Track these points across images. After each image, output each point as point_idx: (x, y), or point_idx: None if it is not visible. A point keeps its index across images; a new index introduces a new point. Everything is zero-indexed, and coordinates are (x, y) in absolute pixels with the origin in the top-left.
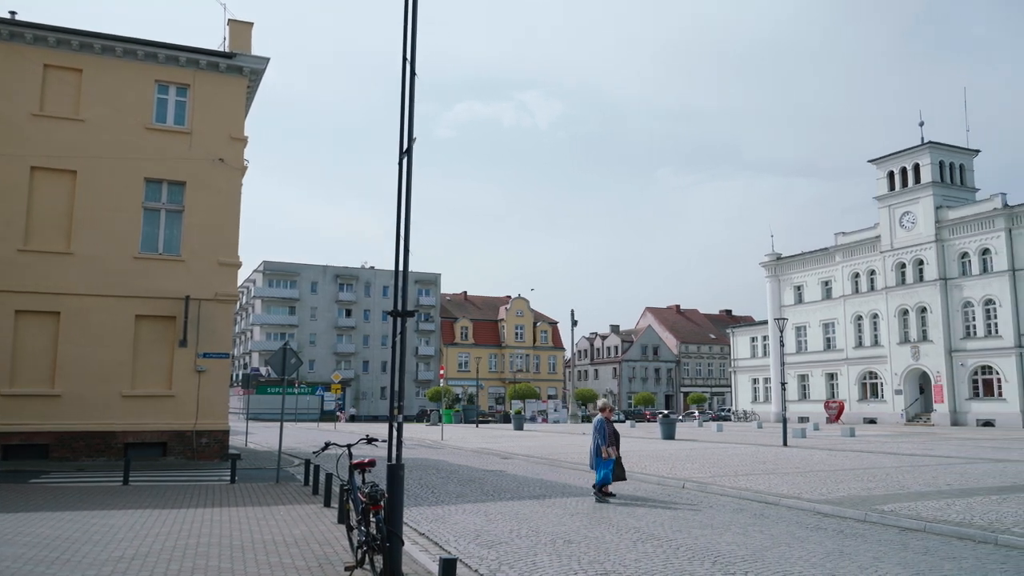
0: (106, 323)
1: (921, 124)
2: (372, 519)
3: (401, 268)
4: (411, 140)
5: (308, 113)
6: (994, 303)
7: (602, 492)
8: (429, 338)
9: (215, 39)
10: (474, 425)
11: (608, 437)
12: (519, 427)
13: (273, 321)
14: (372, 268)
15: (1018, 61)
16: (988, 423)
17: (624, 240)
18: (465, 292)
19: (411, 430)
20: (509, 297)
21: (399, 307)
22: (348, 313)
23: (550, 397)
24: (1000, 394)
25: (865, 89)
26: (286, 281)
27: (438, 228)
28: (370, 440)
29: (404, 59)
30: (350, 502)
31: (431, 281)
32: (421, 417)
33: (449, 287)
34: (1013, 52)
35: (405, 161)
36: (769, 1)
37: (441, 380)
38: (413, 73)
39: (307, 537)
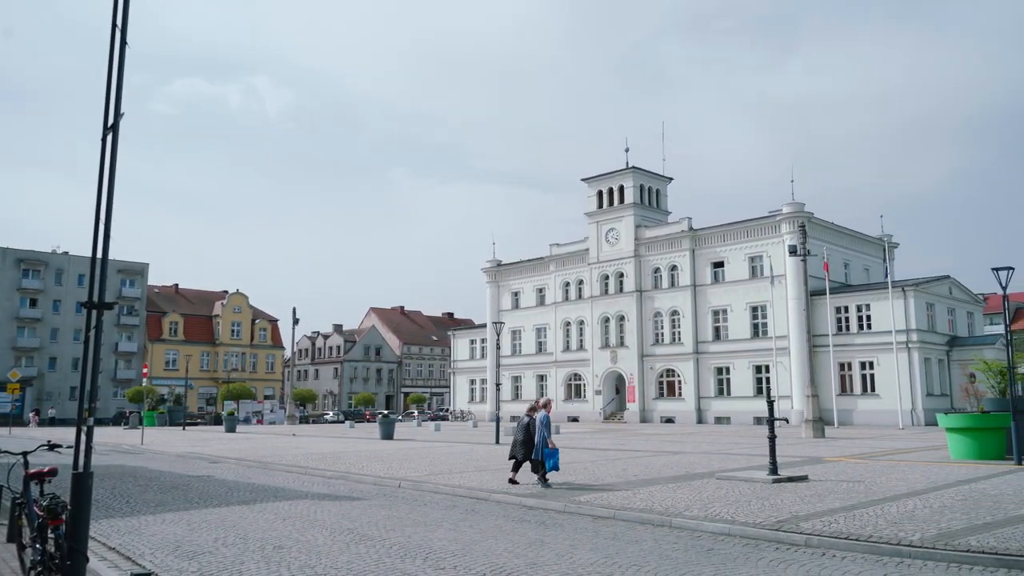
0: None
1: (627, 150)
2: (51, 535)
3: (100, 255)
4: (118, 115)
5: None
6: (679, 314)
7: (544, 479)
8: (132, 333)
9: None
10: (181, 428)
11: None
12: (231, 429)
13: None
14: (66, 253)
15: (702, 102)
16: (670, 420)
17: (352, 238)
18: (176, 285)
19: (106, 434)
20: (226, 292)
21: (96, 298)
22: (33, 303)
23: (267, 397)
24: (680, 394)
25: (585, 111)
26: None
27: (148, 213)
28: (52, 446)
29: (114, 25)
30: (23, 517)
31: (137, 271)
32: (119, 420)
33: (158, 278)
34: (701, 93)
35: (110, 137)
36: (504, 18)
37: (144, 379)
38: (124, 42)
39: None
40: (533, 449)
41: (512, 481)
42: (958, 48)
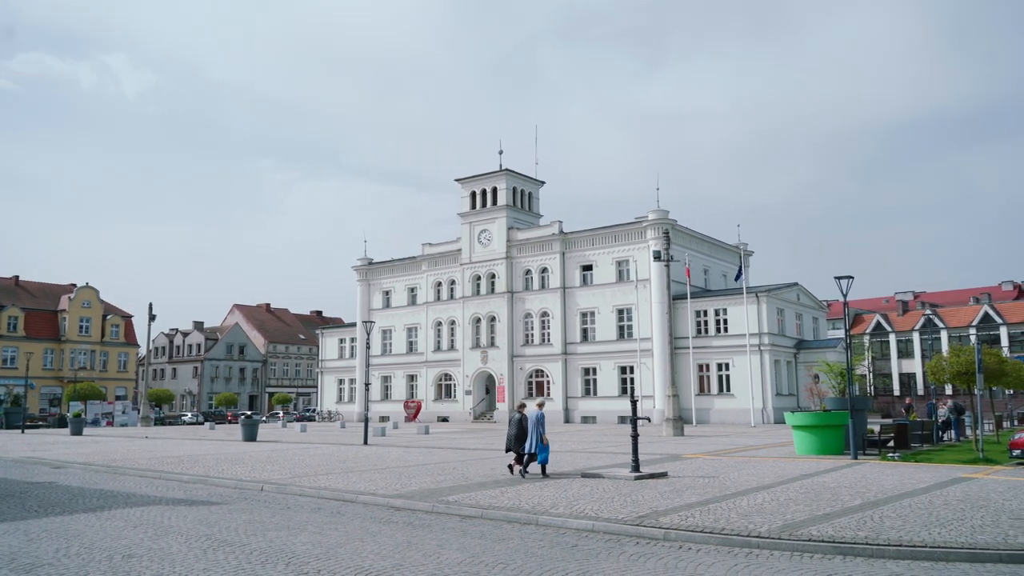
0: None
1: (501, 152)
2: None
3: None
4: None
5: None
6: (548, 315)
7: (525, 470)
8: None
9: None
10: (19, 431)
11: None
12: (78, 432)
13: None
14: None
15: (575, 108)
16: None
17: (215, 231)
18: (17, 277)
19: None
20: (74, 285)
21: None
22: None
23: (119, 398)
24: (549, 393)
25: (460, 111)
26: None
27: None
28: None
29: None
30: None
31: None
32: None
33: None
34: (574, 99)
35: None
36: (380, 10)
37: None
38: None
39: None
40: (527, 442)
41: (523, 472)
42: (804, 72)
